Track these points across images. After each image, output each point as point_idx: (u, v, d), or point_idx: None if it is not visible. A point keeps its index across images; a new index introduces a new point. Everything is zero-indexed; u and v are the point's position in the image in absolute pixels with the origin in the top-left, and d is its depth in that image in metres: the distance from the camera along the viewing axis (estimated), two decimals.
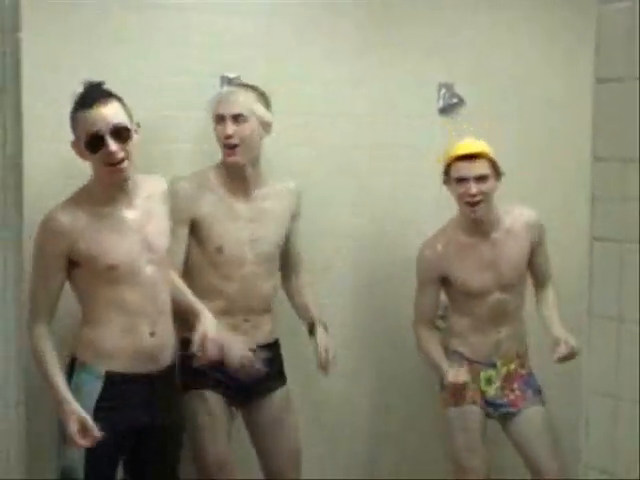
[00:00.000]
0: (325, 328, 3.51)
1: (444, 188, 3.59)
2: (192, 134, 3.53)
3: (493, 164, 3.50)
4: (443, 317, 3.95)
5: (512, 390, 3.62)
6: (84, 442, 2.77)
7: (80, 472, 2.85)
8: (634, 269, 1.91)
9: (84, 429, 2.76)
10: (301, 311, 3.57)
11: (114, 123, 2.83)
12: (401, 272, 3.84)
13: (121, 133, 2.84)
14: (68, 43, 3.28)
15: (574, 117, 3.85)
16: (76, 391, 2.86)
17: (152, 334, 2.94)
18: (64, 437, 2.85)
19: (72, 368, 2.92)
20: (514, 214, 3.62)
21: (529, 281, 3.73)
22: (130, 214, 2.94)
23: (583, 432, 2.03)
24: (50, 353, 2.84)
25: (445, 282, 3.62)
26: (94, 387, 2.88)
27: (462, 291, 3.60)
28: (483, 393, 3.60)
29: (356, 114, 3.80)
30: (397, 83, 3.89)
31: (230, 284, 3.33)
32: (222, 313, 3.27)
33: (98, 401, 2.86)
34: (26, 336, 2.43)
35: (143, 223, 2.96)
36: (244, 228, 3.34)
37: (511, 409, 3.61)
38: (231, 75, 3.51)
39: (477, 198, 3.47)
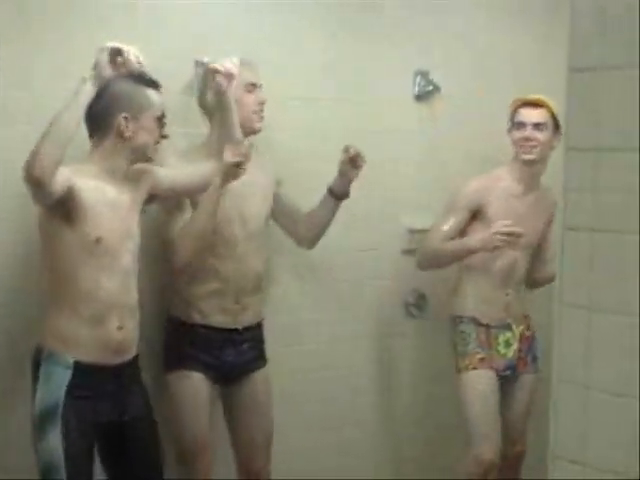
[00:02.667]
0: None
1: (419, 171, 3.62)
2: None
3: (554, 118, 3.63)
4: (417, 305, 3.96)
5: (520, 351, 3.75)
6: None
7: (60, 466, 2.80)
8: (605, 258, 1.91)
9: None
10: (319, 209, 3.57)
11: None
12: (379, 255, 3.84)
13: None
14: (49, 23, 3.21)
15: None
16: (46, 381, 2.83)
17: (120, 328, 2.91)
18: (37, 432, 2.83)
19: (39, 357, 2.87)
20: (547, 186, 3.73)
21: None
22: (125, 196, 2.95)
23: (552, 421, 2.03)
24: None
25: (477, 219, 3.68)
26: (64, 377, 2.83)
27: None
28: (503, 356, 3.69)
29: (331, 99, 3.79)
30: (373, 69, 3.88)
31: (224, 264, 3.32)
32: (214, 295, 3.31)
33: (68, 391, 2.83)
34: None
35: (129, 208, 2.96)
36: (233, 205, 3.32)
37: (517, 371, 3.74)
38: (205, 59, 3.48)
39: (531, 143, 3.62)
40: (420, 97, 4.00)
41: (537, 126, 3.65)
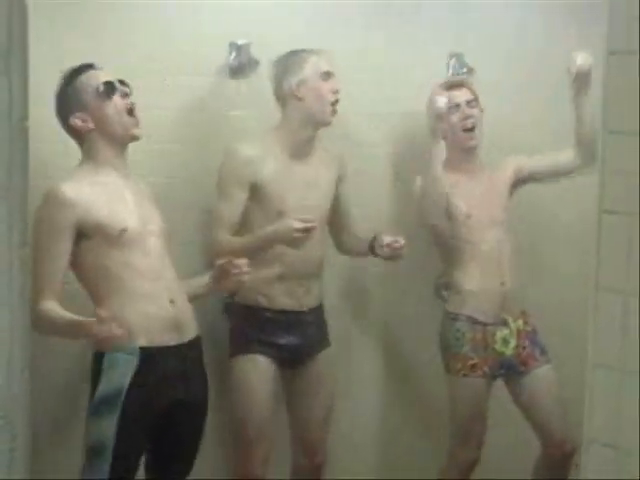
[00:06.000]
0: None
1: None
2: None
3: (475, 95, 3.61)
4: (446, 285, 3.92)
5: (524, 348, 3.62)
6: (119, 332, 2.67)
7: (107, 449, 2.81)
8: None
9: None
10: (361, 244, 3.56)
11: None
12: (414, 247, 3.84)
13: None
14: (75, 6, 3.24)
15: None
16: (111, 367, 2.82)
17: (172, 301, 2.92)
18: (93, 414, 2.84)
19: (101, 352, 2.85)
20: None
21: None
22: (129, 185, 2.97)
23: (587, 406, 2.03)
24: (57, 310, 2.78)
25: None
26: (130, 364, 2.82)
27: (464, 223, 3.58)
28: (500, 354, 3.59)
29: (364, 82, 3.77)
30: (406, 53, 3.86)
31: (289, 250, 3.31)
32: (279, 279, 3.35)
33: (133, 378, 2.82)
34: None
35: (140, 195, 2.99)
36: (296, 196, 3.36)
37: (522, 368, 3.61)
38: (240, 42, 3.49)
39: (472, 120, 3.56)
40: None
41: (470, 103, 3.60)
